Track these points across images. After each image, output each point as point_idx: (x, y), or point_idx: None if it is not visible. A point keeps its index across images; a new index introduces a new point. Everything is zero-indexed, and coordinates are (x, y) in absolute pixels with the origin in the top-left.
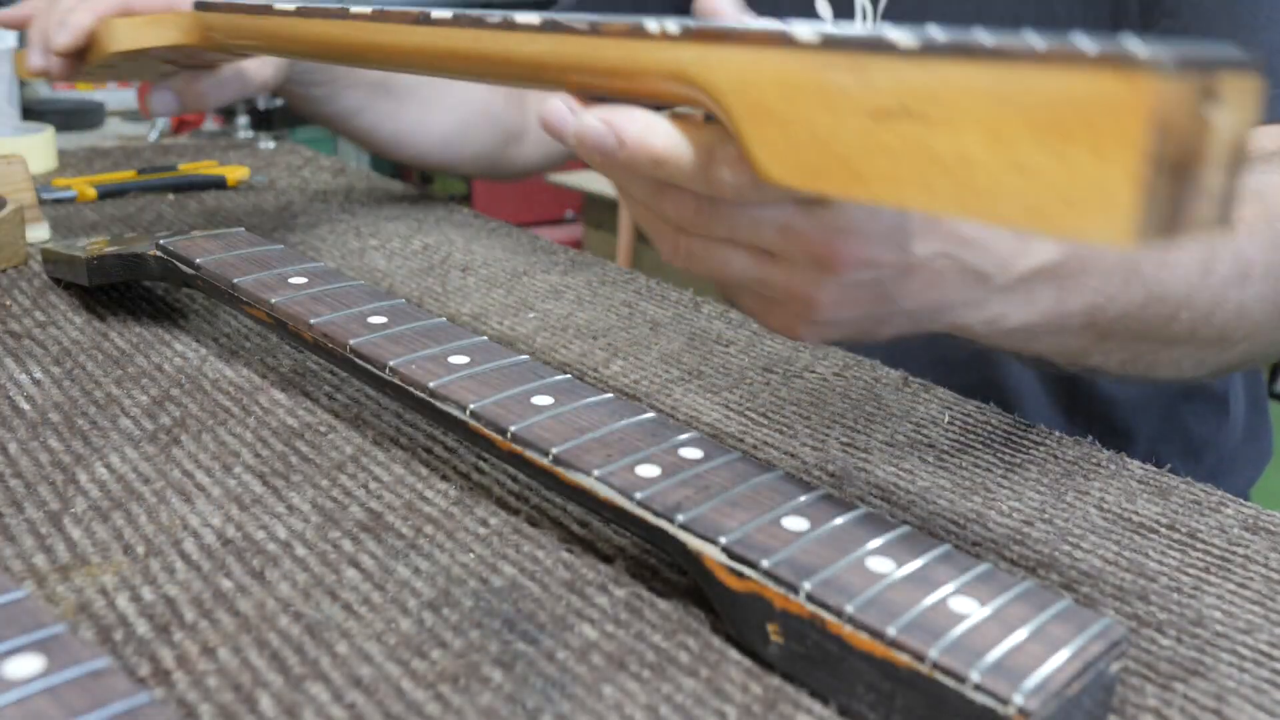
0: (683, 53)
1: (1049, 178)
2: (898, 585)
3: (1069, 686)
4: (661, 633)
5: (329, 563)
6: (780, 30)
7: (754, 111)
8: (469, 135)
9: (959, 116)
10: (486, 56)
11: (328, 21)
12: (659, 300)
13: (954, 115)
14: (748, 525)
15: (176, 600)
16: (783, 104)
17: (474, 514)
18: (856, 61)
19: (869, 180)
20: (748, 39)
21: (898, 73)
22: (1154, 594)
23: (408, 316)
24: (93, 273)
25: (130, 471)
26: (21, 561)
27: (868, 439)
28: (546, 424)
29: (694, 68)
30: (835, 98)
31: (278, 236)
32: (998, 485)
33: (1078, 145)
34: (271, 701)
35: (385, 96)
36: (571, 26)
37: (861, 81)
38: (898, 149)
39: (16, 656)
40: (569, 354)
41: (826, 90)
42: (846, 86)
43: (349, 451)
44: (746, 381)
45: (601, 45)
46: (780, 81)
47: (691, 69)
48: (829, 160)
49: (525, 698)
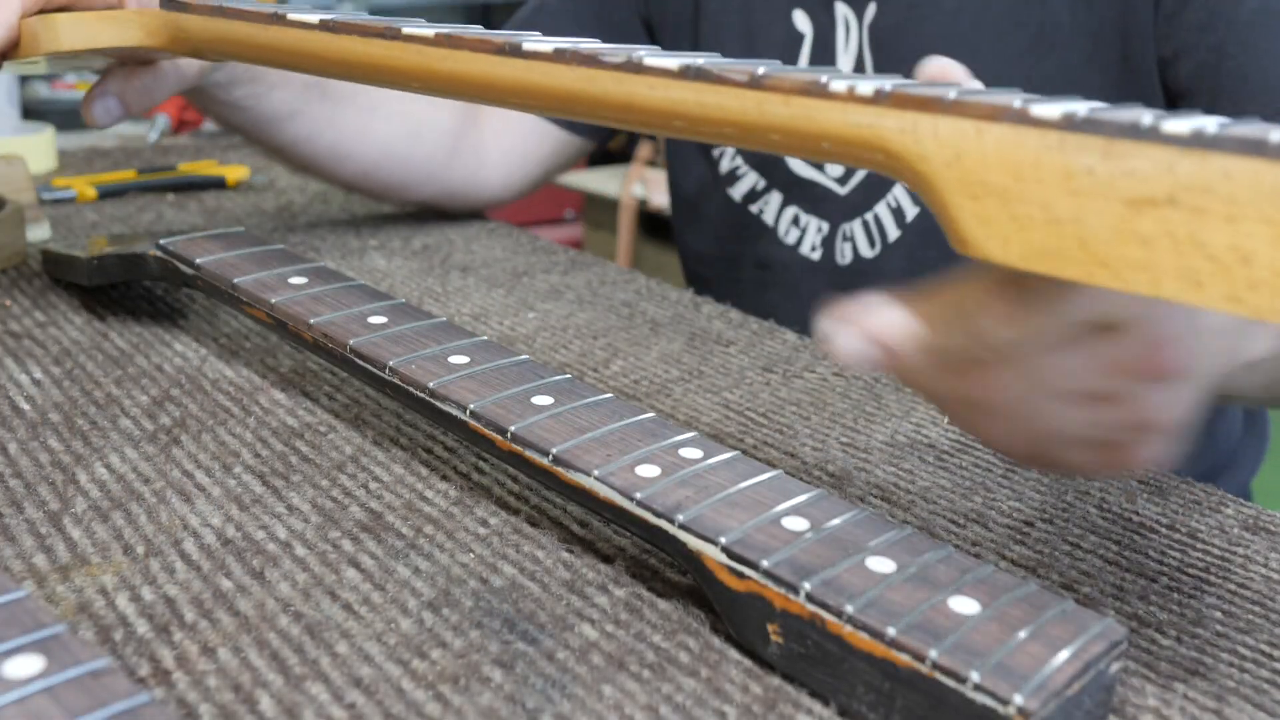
0: (881, 119)
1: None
2: (898, 586)
3: (1069, 686)
4: (661, 633)
5: (329, 563)
6: (1011, 104)
7: (970, 186)
8: (416, 147)
9: (1240, 211)
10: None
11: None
12: (659, 300)
13: (1234, 210)
14: (748, 525)
15: (176, 600)
16: (1010, 182)
17: (474, 514)
18: (1113, 146)
19: (1118, 268)
20: (968, 110)
21: (1165, 162)
22: (1154, 594)
23: (408, 316)
24: (93, 273)
25: (130, 471)
26: (21, 561)
27: (868, 439)
28: (546, 424)
29: (896, 138)
30: (1081, 180)
31: (278, 236)
32: (998, 485)
33: None
34: (271, 702)
35: (321, 99)
36: (724, 76)
37: (1117, 167)
38: (1157, 238)
39: (16, 656)
40: (569, 354)
41: (1071, 172)
42: (1095, 170)
43: (349, 451)
44: (746, 381)
45: (765, 101)
46: (1009, 159)
47: (892, 139)
48: (1066, 243)
49: (525, 698)
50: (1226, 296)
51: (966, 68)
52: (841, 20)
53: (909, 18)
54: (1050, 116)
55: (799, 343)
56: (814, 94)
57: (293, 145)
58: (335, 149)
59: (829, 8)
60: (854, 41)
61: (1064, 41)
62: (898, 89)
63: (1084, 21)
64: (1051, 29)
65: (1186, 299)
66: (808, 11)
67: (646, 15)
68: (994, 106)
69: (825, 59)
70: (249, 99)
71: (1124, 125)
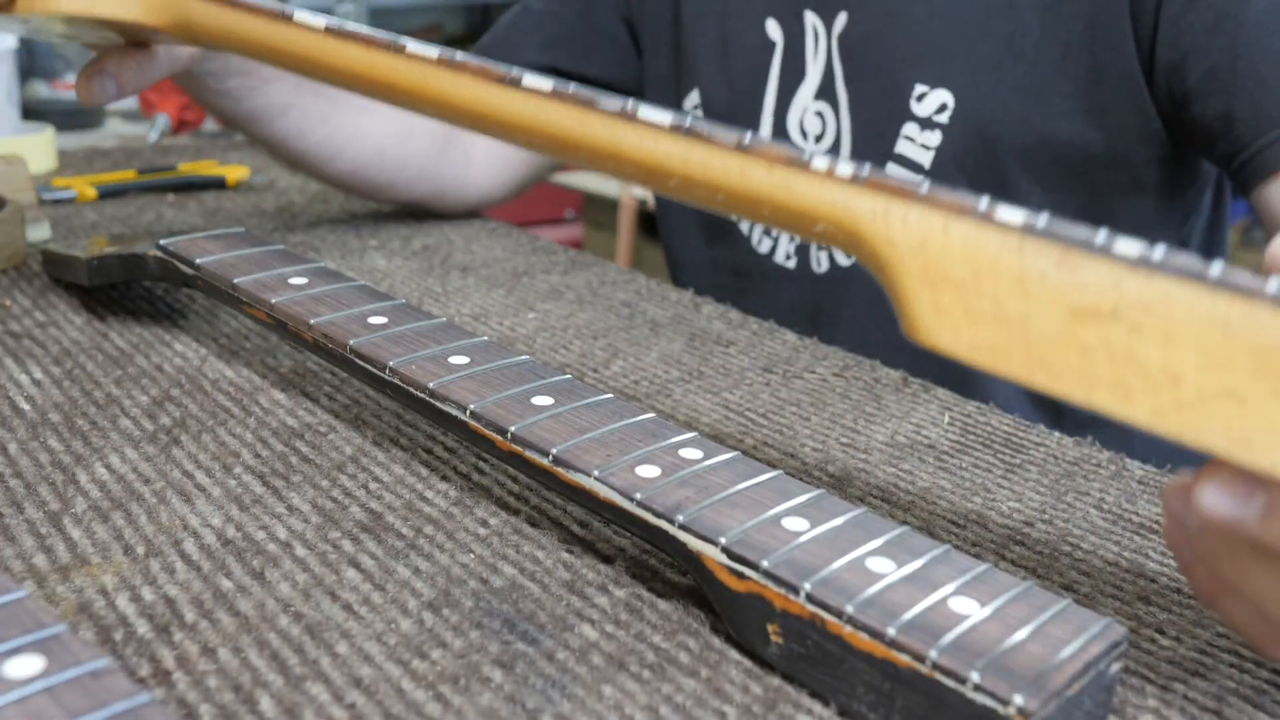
0: (856, 200)
1: (1266, 411)
2: (898, 585)
3: (1069, 687)
4: (661, 633)
5: (329, 563)
6: (976, 205)
7: (930, 275)
8: (407, 146)
9: (1175, 334)
10: (589, 144)
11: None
12: (659, 301)
13: (1170, 331)
14: (747, 525)
15: (176, 600)
16: (968, 276)
17: (474, 514)
18: (1067, 256)
19: (1056, 372)
20: (938, 203)
21: (1113, 277)
22: (1154, 594)
23: (408, 317)
24: (93, 273)
25: (130, 472)
26: (21, 561)
27: (868, 440)
28: (546, 424)
29: (867, 219)
30: (1033, 284)
31: (278, 237)
32: (998, 486)
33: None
34: (272, 702)
35: (315, 95)
36: (712, 137)
37: (1068, 277)
38: (1096, 349)
39: (16, 657)
40: (569, 354)
41: (1025, 275)
42: (1048, 276)
43: (349, 452)
44: (746, 382)
45: (749, 166)
46: (970, 254)
47: (864, 219)
48: (1013, 341)
49: (525, 698)
50: (1153, 411)
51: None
52: (810, 29)
53: (880, 27)
54: (1013, 221)
55: (799, 343)
56: (795, 166)
57: (283, 140)
58: (326, 146)
59: (799, 17)
60: (822, 50)
61: (1033, 51)
62: (874, 174)
63: (1053, 32)
64: (1021, 39)
65: (1115, 410)
66: (779, 20)
67: (629, 17)
68: (961, 205)
69: (796, 67)
70: (241, 91)
71: (1079, 239)
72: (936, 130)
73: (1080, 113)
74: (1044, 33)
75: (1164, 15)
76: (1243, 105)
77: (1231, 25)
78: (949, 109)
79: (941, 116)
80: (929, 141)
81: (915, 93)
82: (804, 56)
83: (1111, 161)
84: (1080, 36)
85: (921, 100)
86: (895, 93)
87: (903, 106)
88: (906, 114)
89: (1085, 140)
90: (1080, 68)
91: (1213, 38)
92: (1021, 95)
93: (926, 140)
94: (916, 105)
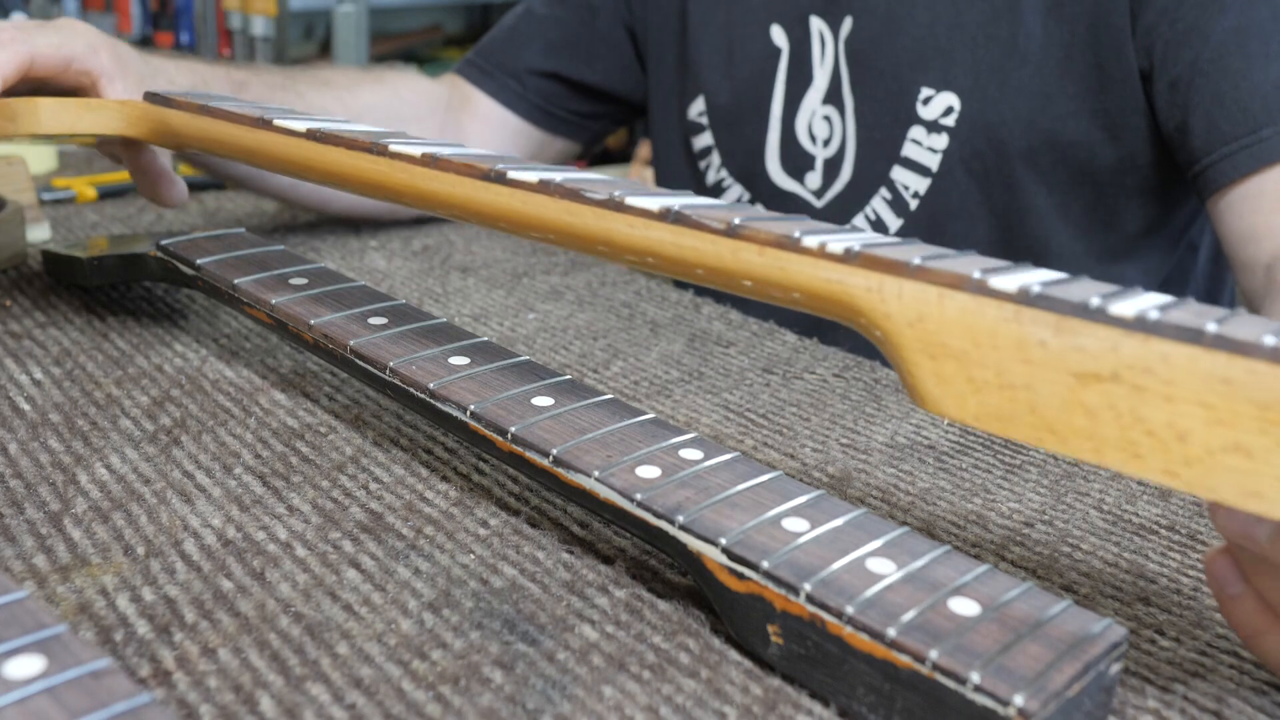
0: (849, 277)
1: (1275, 463)
2: (898, 586)
3: (1069, 687)
4: (662, 634)
5: (329, 564)
6: (970, 274)
7: (930, 347)
8: None
9: (1177, 392)
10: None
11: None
12: (659, 301)
13: (1172, 390)
14: (748, 526)
15: (177, 601)
16: (968, 346)
17: (474, 515)
18: (1064, 323)
19: (1064, 435)
20: (931, 276)
21: (1111, 341)
22: (1154, 595)
23: (408, 317)
24: (93, 273)
25: (130, 472)
26: (22, 562)
27: (868, 440)
28: (547, 425)
29: (863, 295)
30: (1033, 351)
31: (278, 237)
32: (998, 487)
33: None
34: (272, 702)
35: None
36: (701, 223)
37: (1068, 342)
38: (1101, 410)
39: (17, 657)
40: (569, 355)
41: (1025, 343)
42: (1048, 343)
43: (349, 452)
44: (746, 383)
45: (740, 249)
46: (968, 325)
47: (859, 296)
48: (1018, 408)
49: (526, 699)
50: (1163, 470)
51: (942, 79)
52: (816, 34)
53: (884, 31)
54: (1007, 289)
55: (799, 344)
56: (787, 247)
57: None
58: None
59: (805, 23)
60: (829, 55)
61: (1037, 53)
62: (865, 249)
63: (1056, 34)
64: (1024, 41)
65: (1127, 469)
66: (784, 27)
67: (632, 26)
68: (956, 275)
69: (802, 73)
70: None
71: (1075, 304)
72: (943, 133)
73: (1085, 114)
74: (1047, 35)
75: (1139, 24)
76: (1198, 120)
77: (1198, 41)
78: (955, 112)
79: (948, 119)
80: (936, 144)
81: (921, 96)
82: (810, 62)
83: (1117, 163)
84: (1083, 38)
85: (928, 104)
86: (901, 96)
87: (909, 110)
88: (913, 117)
89: (1091, 142)
90: (1084, 69)
91: (1180, 50)
92: (1027, 97)
93: (933, 143)
94: (922, 108)
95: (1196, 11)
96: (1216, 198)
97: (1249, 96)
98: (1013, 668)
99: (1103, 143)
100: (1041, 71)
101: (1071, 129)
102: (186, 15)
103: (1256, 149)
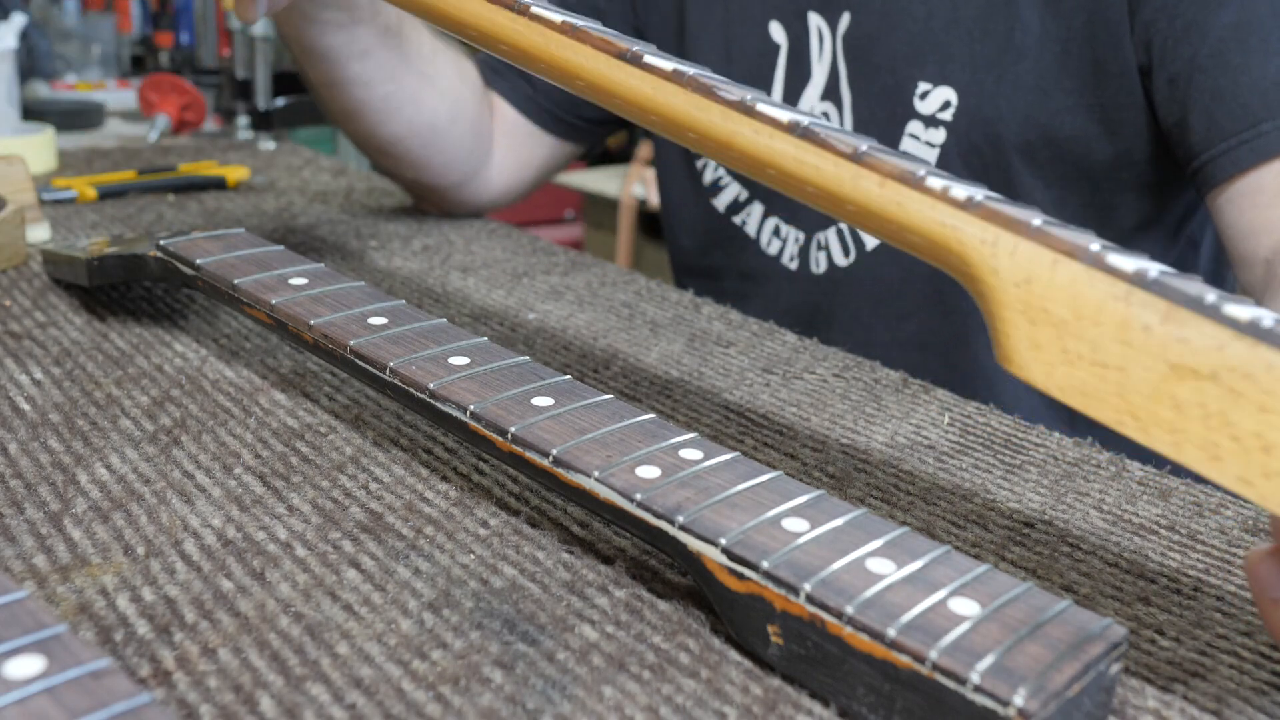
0: (966, 225)
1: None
2: (897, 586)
3: (1069, 687)
4: (662, 634)
5: (329, 564)
6: (1089, 246)
7: (1031, 310)
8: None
9: (1274, 404)
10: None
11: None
12: (659, 301)
13: (1268, 401)
14: (747, 526)
15: (177, 601)
16: (1070, 316)
17: (474, 515)
18: (1174, 312)
19: (1146, 423)
20: (1050, 240)
21: (1218, 340)
22: (1154, 595)
23: (408, 317)
24: (93, 273)
25: (130, 472)
26: (22, 562)
27: (868, 440)
28: (546, 425)
29: (975, 245)
30: (1135, 334)
31: (278, 237)
32: (998, 487)
33: None
34: (272, 702)
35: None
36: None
37: (1173, 332)
38: (1191, 406)
39: (17, 657)
40: (569, 355)
41: (1128, 324)
42: (1152, 329)
43: (349, 452)
44: (746, 383)
45: (862, 177)
46: (1074, 296)
47: (971, 245)
48: (1106, 387)
49: (526, 699)
50: (1239, 478)
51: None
52: (815, 30)
53: (881, 26)
54: (1124, 268)
55: (799, 344)
56: (909, 183)
57: (351, 85)
58: (388, 102)
59: (803, 18)
60: (828, 51)
61: (1034, 48)
62: (988, 200)
63: (1053, 28)
64: (1021, 35)
65: (1201, 468)
66: (782, 22)
67: (636, 26)
68: (1074, 244)
69: (800, 69)
70: (335, 22)
71: (1189, 296)
72: (941, 128)
73: (1082, 109)
74: (1044, 29)
75: (1137, 20)
76: (1198, 116)
77: (1197, 36)
78: (952, 106)
79: (945, 114)
80: (933, 139)
81: (918, 91)
82: (809, 58)
83: (1114, 158)
84: (1080, 33)
85: (925, 98)
86: (898, 91)
87: (906, 105)
88: (910, 112)
89: (1088, 136)
90: (1081, 64)
91: (1179, 46)
92: (1024, 92)
93: (931, 138)
94: (920, 103)
95: (1195, 7)
96: (1216, 193)
97: (1248, 92)
98: (1013, 668)
99: (1099, 137)
100: (1038, 66)
101: (1068, 124)
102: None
103: (1256, 144)
